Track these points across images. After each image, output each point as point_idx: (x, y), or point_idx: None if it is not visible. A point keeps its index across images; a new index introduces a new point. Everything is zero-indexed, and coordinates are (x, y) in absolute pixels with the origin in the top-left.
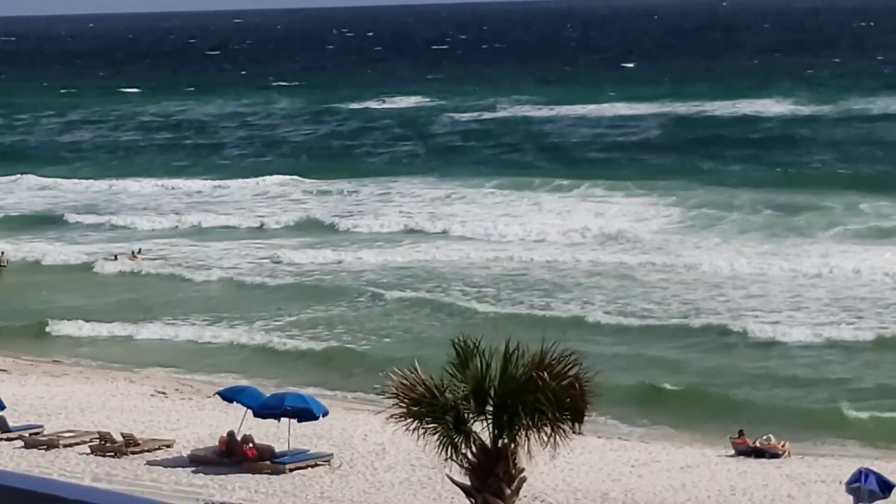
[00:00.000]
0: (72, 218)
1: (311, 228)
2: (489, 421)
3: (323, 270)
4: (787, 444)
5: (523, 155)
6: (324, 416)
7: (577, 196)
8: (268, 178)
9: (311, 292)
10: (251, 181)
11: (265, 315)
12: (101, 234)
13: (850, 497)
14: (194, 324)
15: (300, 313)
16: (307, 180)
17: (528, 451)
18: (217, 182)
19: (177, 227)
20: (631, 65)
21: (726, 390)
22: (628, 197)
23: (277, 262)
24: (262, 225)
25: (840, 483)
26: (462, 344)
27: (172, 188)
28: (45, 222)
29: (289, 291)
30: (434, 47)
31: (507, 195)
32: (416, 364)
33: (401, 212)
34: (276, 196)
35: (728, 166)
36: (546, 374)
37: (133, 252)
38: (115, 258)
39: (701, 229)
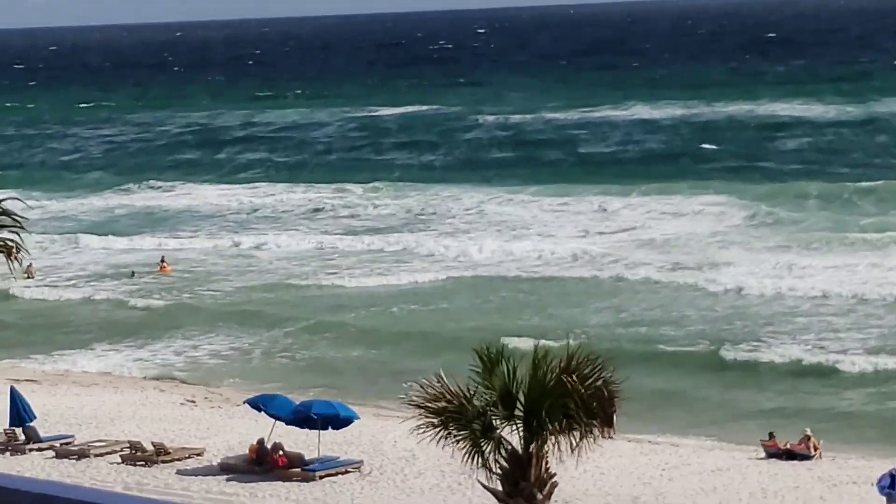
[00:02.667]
0: None
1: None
2: (519, 426)
3: None
4: (820, 443)
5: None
6: (355, 420)
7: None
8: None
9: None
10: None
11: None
12: None
13: (884, 499)
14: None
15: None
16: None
17: (559, 456)
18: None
19: None
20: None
21: (756, 391)
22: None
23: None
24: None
25: (871, 484)
26: (486, 351)
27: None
28: None
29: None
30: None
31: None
32: (441, 373)
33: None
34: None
35: None
36: (574, 378)
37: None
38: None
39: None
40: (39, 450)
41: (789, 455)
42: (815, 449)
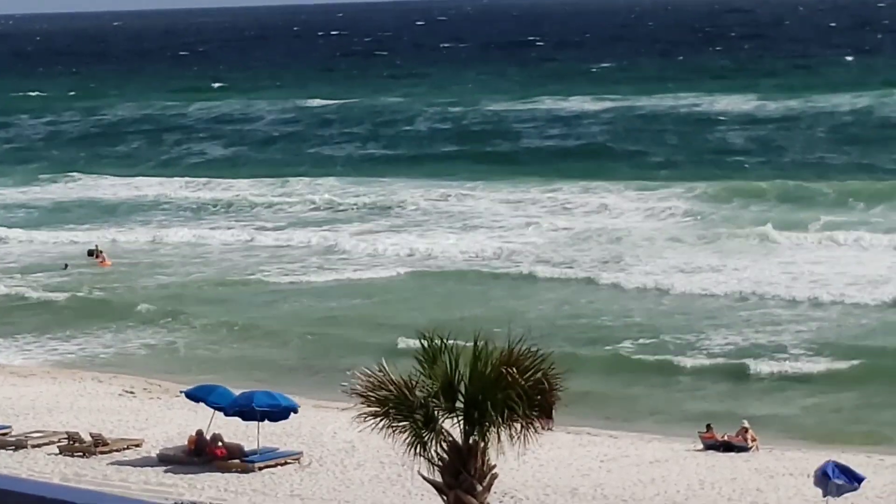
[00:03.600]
0: None
1: None
2: (460, 418)
3: None
4: (754, 435)
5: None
6: (294, 412)
7: None
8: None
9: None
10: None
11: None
12: None
13: (819, 489)
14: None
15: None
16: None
17: (499, 448)
18: None
19: None
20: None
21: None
22: None
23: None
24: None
25: (808, 476)
26: (430, 340)
27: None
28: None
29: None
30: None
31: None
32: (384, 363)
33: None
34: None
35: None
36: (515, 370)
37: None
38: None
39: None
40: None
41: (727, 447)
42: (753, 441)
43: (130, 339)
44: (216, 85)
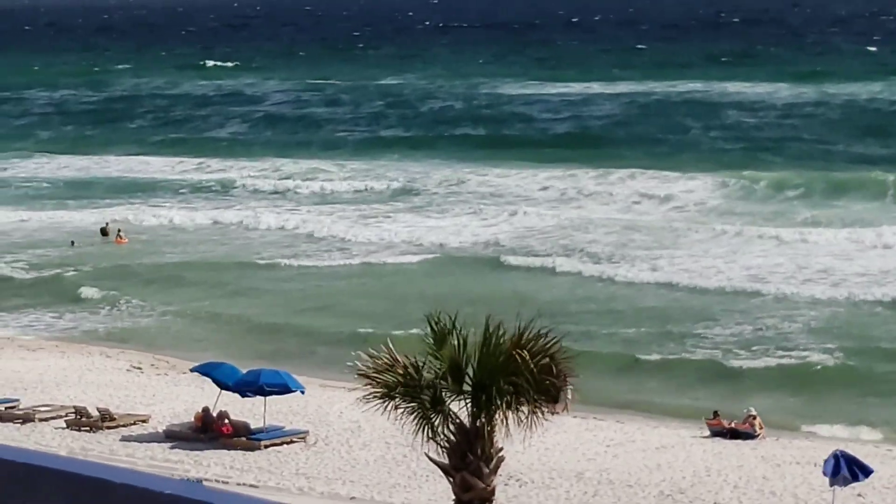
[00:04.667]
0: None
1: None
2: (467, 400)
3: None
4: (761, 423)
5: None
6: (301, 392)
7: None
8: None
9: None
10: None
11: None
12: None
13: (826, 479)
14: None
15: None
16: None
17: (506, 431)
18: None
19: None
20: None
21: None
22: None
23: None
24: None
25: (814, 465)
26: (437, 321)
27: None
28: None
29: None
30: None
31: None
32: (390, 343)
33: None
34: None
35: None
36: (525, 353)
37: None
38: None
39: None
40: None
41: (733, 434)
42: (760, 428)
43: (136, 314)
44: (229, 64)
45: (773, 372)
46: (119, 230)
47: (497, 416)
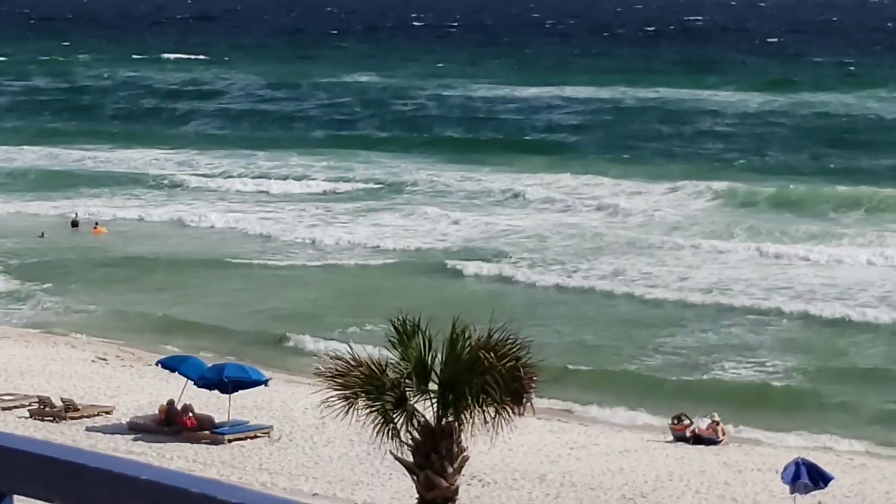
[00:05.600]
0: None
1: None
2: (433, 399)
3: None
4: (724, 429)
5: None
6: (265, 384)
7: None
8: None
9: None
10: None
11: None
12: None
13: (787, 487)
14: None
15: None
16: None
17: (471, 431)
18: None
19: None
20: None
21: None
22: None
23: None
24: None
25: (776, 472)
26: (402, 322)
27: None
28: None
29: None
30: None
31: None
32: (351, 345)
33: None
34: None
35: None
36: (493, 355)
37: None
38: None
39: None
40: None
41: (696, 439)
42: (723, 434)
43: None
44: (201, 57)
45: (731, 385)
46: (96, 222)
47: (463, 415)
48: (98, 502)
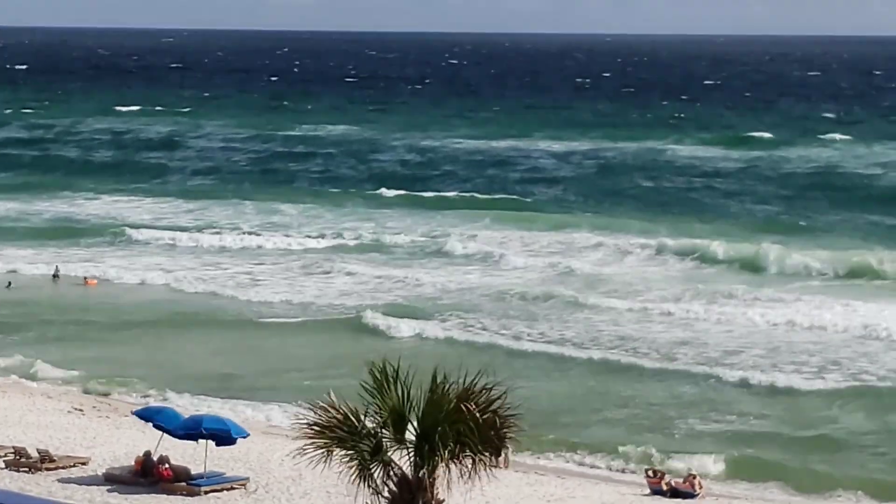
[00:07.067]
0: None
1: None
2: (410, 450)
3: None
4: (701, 482)
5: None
6: (243, 438)
7: None
8: None
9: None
10: None
11: None
12: None
13: None
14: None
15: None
16: None
17: (448, 483)
18: None
19: None
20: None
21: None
22: None
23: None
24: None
25: None
26: (380, 370)
27: None
28: None
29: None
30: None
31: None
32: (332, 394)
33: None
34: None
35: None
36: (473, 405)
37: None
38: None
39: None
40: None
41: (674, 493)
42: (700, 488)
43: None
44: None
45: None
46: (86, 276)
47: (440, 466)
48: None
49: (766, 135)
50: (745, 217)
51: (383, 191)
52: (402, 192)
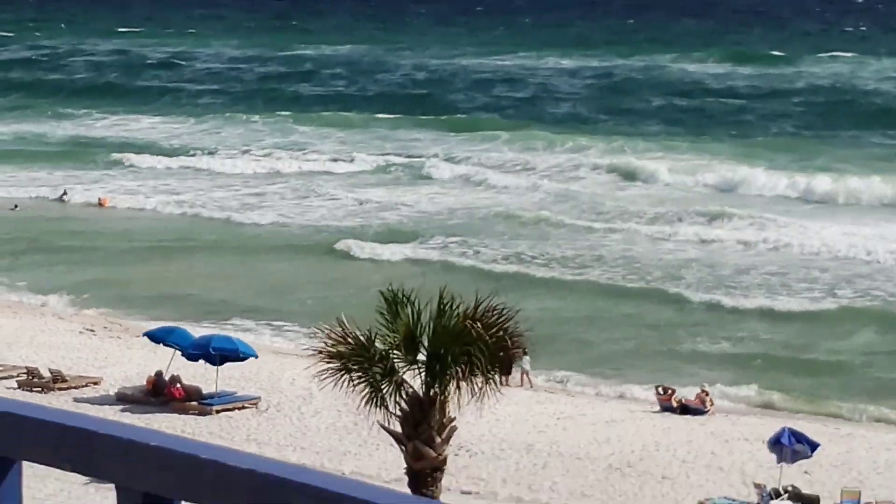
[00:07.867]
0: None
1: None
2: (421, 370)
3: None
4: (712, 399)
5: None
6: (253, 358)
7: None
8: None
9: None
10: None
11: None
12: None
13: (773, 455)
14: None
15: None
16: None
17: (458, 401)
18: None
19: None
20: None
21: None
22: None
23: None
24: None
25: (762, 441)
26: (392, 294)
27: None
28: None
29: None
30: None
31: None
32: (344, 318)
33: None
34: None
35: None
36: (479, 325)
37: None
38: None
39: None
40: None
41: (683, 409)
42: (710, 404)
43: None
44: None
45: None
46: (100, 197)
47: (451, 385)
48: (107, 468)
49: (777, 53)
50: (757, 135)
51: (392, 114)
52: (401, 115)
